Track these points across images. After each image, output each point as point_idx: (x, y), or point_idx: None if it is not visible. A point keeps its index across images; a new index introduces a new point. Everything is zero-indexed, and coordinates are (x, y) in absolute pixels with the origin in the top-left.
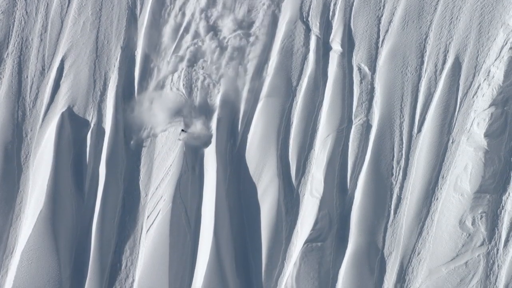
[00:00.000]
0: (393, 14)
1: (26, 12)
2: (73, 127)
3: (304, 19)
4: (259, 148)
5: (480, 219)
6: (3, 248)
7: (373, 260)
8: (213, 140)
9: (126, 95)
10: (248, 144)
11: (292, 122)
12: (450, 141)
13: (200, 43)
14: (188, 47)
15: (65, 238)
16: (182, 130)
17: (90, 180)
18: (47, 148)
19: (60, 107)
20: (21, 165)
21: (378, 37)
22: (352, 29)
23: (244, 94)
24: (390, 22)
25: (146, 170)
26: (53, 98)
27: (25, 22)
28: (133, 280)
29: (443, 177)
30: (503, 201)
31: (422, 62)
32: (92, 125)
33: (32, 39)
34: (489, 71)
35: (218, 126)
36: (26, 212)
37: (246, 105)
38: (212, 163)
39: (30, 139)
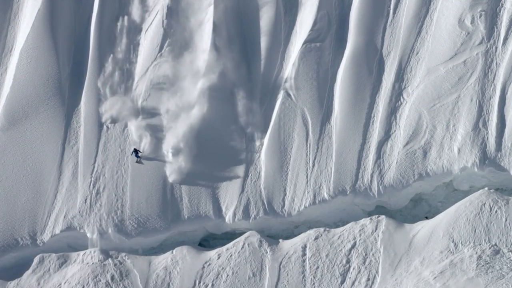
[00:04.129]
0: None
1: None
2: None
3: None
4: None
5: (480, 17)
6: (2, 46)
7: (371, 60)
8: None
9: None
10: None
11: None
12: None
13: None
14: None
15: (63, 37)
16: (135, 151)
17: None
18: None
19: None
20: None
21: None
22: None
23: None
24: None
25: None
26: None
27: None
28: (133, 81)
29: None
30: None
31: None
32: None
33: None
34: None
35: None
36: (25, 11)
37: None
38: None
39: None
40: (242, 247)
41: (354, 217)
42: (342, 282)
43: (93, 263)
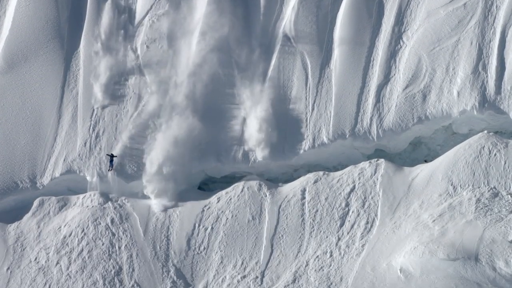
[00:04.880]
0: None
1: None
2: None
3: None
4: None
5: None
6: None
7: (371, 3)
8: None
9: None
10: None
11: None
12: None
13: None
14: None
15: None
16: (111, 156)
17: None
18: None
19: None
20: None
21: None
22: None
23: None
24: None
25: None
26: None
27: None
28: (133, 27)
29: None
30: None
31: None
32: None
33: None
34: None
35: None
36: None
37: None
38: None
39: None
40: (242, 190)
41: (353, 161)
42: (341, 225)
43: (93, 206)
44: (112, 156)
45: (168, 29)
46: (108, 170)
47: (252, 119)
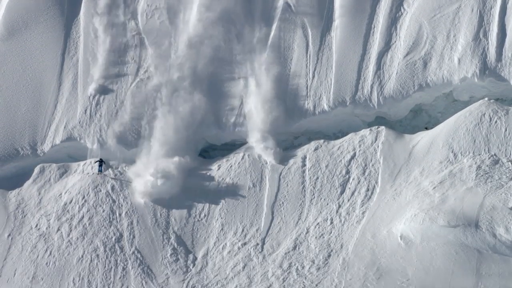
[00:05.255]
0: None
1: None
2: None
3: None
4: None
5: None
6: None
7: None
8: None
9: None
10: None
11: None
12: None
13: None
14: None
15: None
16: (100, 162)
17: None
18: None
19: None
20: None
21: None
22: None
23: None
24: None
25: None
26: None
27: None
28: None
29: None
30: None
31: None
32: None
33: None
34: None
35: None
36: None
37: None
38: None
39: None
40: (242, 158)
41: (354, 128)
42: (342, 192)
43: (93, 173)
44: (101, 161)
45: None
46: (98, 173)
47: (253, 87)
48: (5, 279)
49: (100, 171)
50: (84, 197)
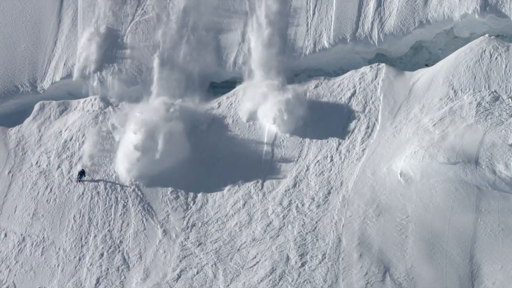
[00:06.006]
0: None
1: None
2: None
3: None
4: None
5: None
6: None
7: None
8: None
9: None
10: None
11: None
12: None
13: None
14: None
15: None
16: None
17: None
18: None
19: None
20: None
21: None
22: None
23: None
24: None
25: None
26: None
27: None
28: None
29: None
30: None
31: None
32: None
33: None
34: None
35: None
36: None
37: None
38: None
39: None
40: (243, 95)
41: (354, 65)
42: (342, 130)
43: (93, 111)
44: (82, 172)
45: None
46: (77, 181)
47: (253, 25)
48: (5, 216)
49: (79, 178)
50: (84, 134)
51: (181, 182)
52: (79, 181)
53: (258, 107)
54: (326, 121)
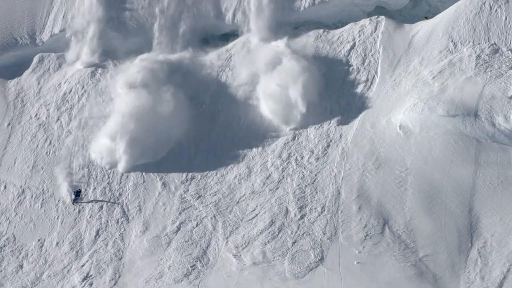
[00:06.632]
0: None
1: None
2: None
3: None
4: None
5: None
6: None
7: None
8: None
9: None
10: None
11: None
12: None
13: None
14: None
15: None
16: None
17: None
18: None
19: None
20: None
21: None
22: None
23: None
24: None
25: None
26: None
27: None
28: None
29: None
30: None
31: None
32: None
33: None
34: None
35: None
36: None
37: None
38: None
39: None
40: (242, 48)
41: (354, 18)
42: (341, 82)
43: (93, 63)
44: (79, 191)
45: None
46: (72, 203)
47: None
48: (5, 168)
49: (75, 200)
50: (83, 87)
51: (181, 136)
52: (75, 202)
53: (259, 73)
54: (326, 74)
